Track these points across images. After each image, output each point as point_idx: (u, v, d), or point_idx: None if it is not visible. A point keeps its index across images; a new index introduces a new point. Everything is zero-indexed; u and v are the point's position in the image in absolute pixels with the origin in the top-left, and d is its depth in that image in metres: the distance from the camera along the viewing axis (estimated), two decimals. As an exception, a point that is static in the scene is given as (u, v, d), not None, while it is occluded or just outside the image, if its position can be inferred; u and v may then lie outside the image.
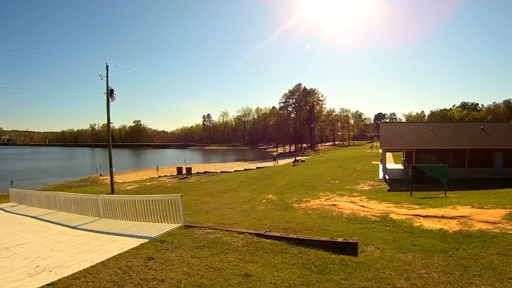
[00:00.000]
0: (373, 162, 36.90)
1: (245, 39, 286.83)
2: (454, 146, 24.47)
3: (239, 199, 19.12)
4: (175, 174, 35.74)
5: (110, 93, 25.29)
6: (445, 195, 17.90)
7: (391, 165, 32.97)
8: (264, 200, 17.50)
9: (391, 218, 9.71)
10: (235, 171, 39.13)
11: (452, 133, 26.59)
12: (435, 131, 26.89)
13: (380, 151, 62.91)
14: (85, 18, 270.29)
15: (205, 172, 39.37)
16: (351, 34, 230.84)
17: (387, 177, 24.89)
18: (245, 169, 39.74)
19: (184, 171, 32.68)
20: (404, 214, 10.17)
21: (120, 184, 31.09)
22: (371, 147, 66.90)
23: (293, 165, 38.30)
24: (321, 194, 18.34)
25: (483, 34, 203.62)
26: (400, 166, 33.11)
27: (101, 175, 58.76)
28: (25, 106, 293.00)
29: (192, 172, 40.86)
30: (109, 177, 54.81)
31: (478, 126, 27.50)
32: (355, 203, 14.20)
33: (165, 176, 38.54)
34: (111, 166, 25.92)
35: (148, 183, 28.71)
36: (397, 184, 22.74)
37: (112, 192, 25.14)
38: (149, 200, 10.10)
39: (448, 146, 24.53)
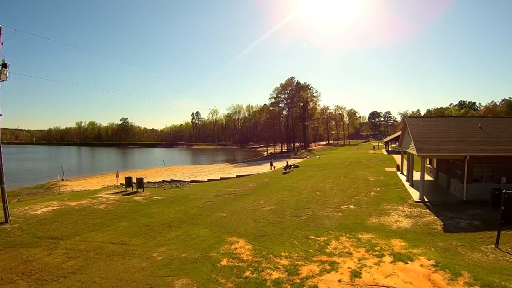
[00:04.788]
0: (386, 169, 28.61)
1: (238, 38, 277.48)
2: (524, 152, 16.27)
3: (183, 251, 10.47)
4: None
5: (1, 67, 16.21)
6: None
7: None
8: (223, 262, 8.86)
9: None
10: (208, 180, 30.13)
11: (509, 132, 18.39)
12: (486, 129, 18.64)
13: (384, 152, 54.25)
14: (83, 16, 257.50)
15: (171, 181, 30.44)
16: (345, 33, 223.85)
17: (425, 198, 16.54)
18: (221, 178, 30.77)
19: (134, 181, 23.79)
20: None
21: (38, 202, 21.75)
22: (373, 148, 58.80)
23: (284, 173, 29.57)
24: (333, 245, 9.81)
25: (479, 32, 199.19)
26: (425, 176, 24.66)
27: (62, 179, 50.68)
28: (13, 104, 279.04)
29: (155, 181, 31.98)
30: (71, 183, 46.73)
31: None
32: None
33: (109, 186, 29.74)
34: (1, 182, 16.71)
35: (74, 203, 19.68)
36: (446, 211, 14.47)
37: (6, 221, 16.14)
38: None
39: (515, 151, 16.31)
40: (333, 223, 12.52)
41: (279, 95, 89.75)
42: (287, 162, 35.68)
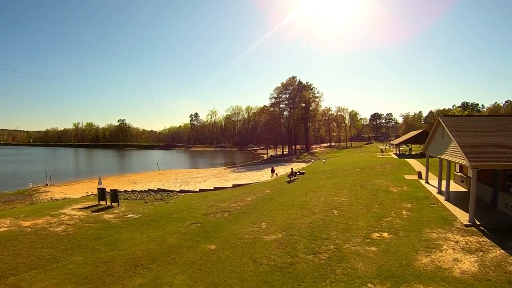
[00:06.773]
0: (406, 177, 24.78)
1: (237, 39, 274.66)
2: None
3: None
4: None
5: None
6: None
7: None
8: None
9: None
10: (200, 190, 26.19)
11: None
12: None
13: (393, 155, 49.45)
14: (84, 16, 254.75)
15: (158, 191, 26.52)
16: (345, 34, 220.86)
17: (476, 221, 12.68)
18: (215, 188, 26.78)
19: (108, 192, 19.86)
20: None
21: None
22: (381, 151, 54.95)
23: (288, 182, 25.56)
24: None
25: (480, 33, 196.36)
26: (456, 186, 20.80)
27: (46, 184, 47.21)
28: (12, 104, 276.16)
29: (141, 189, 28.06)
30: (54, 188, 43.09)
31: None
32: None
33: (91, 194, 25.80)
34: None
35: (28, 223, 15.76)
36: (510, 240, 10.63)
37: None
38: None
39: None
40: (369, 266, 8.67)
41: (280, 95, 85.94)
42: (291, 169, 31.76)
